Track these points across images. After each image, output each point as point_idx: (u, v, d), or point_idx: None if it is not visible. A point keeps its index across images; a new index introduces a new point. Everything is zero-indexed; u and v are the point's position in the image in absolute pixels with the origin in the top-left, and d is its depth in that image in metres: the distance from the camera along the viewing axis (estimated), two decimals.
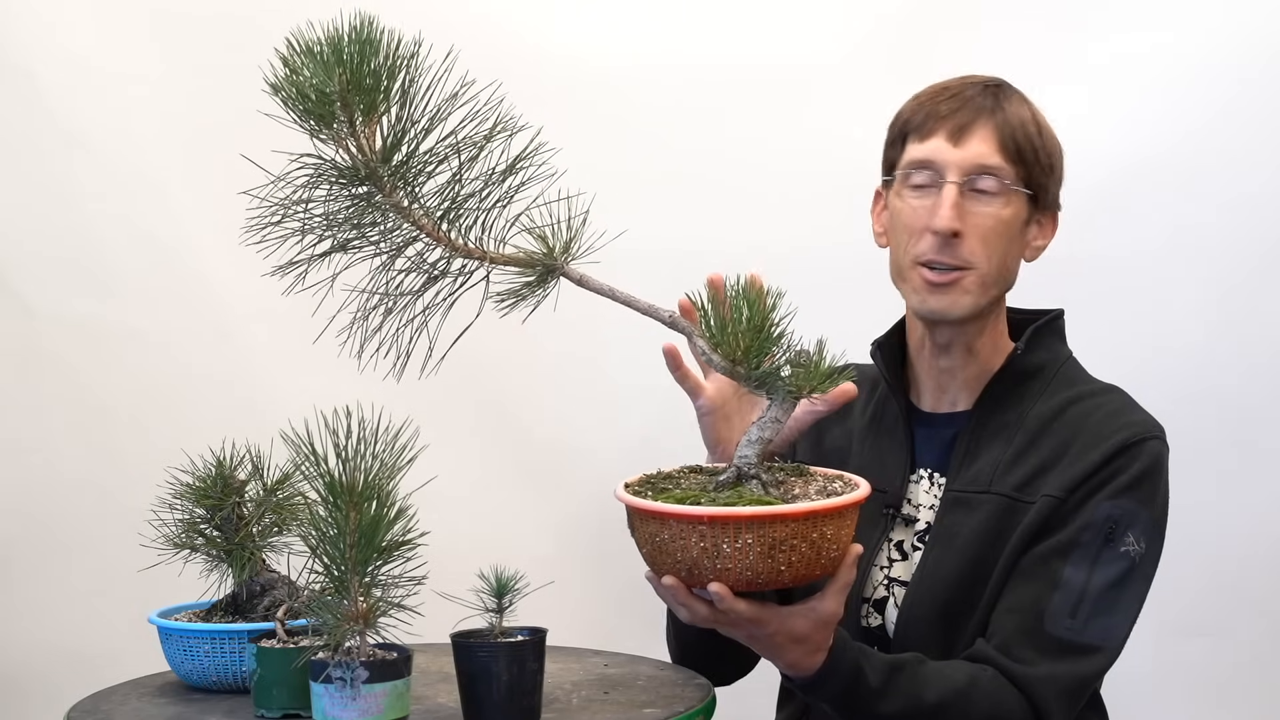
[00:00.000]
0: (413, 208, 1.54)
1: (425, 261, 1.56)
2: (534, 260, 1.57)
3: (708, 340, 1.58)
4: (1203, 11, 2.75)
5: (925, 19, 2.85)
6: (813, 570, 1.58)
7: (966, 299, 1.87)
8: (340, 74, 1.46)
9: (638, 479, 1.66)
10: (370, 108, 1.49)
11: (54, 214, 2.96)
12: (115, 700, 1.81)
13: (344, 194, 1.53)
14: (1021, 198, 1.88)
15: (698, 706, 1.74)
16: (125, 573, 2.00)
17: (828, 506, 1.56)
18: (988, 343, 1.93)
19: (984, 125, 1.87)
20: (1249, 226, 2.72)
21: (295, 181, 1.52)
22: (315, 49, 1.48)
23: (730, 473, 1.61)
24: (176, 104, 2.91)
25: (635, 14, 2.95)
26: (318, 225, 1.54)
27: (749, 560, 1.54)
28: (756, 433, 1.61)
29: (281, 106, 1.49)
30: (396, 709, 1.55)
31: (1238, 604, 2.73)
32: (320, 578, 1.56)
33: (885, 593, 1.93)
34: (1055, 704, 1.77)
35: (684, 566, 1.57)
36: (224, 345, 2.95)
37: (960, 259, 1.86)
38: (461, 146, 1.52)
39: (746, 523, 1.53)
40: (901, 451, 1.96)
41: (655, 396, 2.13)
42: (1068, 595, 1.79)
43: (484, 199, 1.54)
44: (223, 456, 1.89)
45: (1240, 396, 2.73)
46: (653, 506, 1.57)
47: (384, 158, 1.51)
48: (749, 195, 2.86)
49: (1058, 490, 1.83)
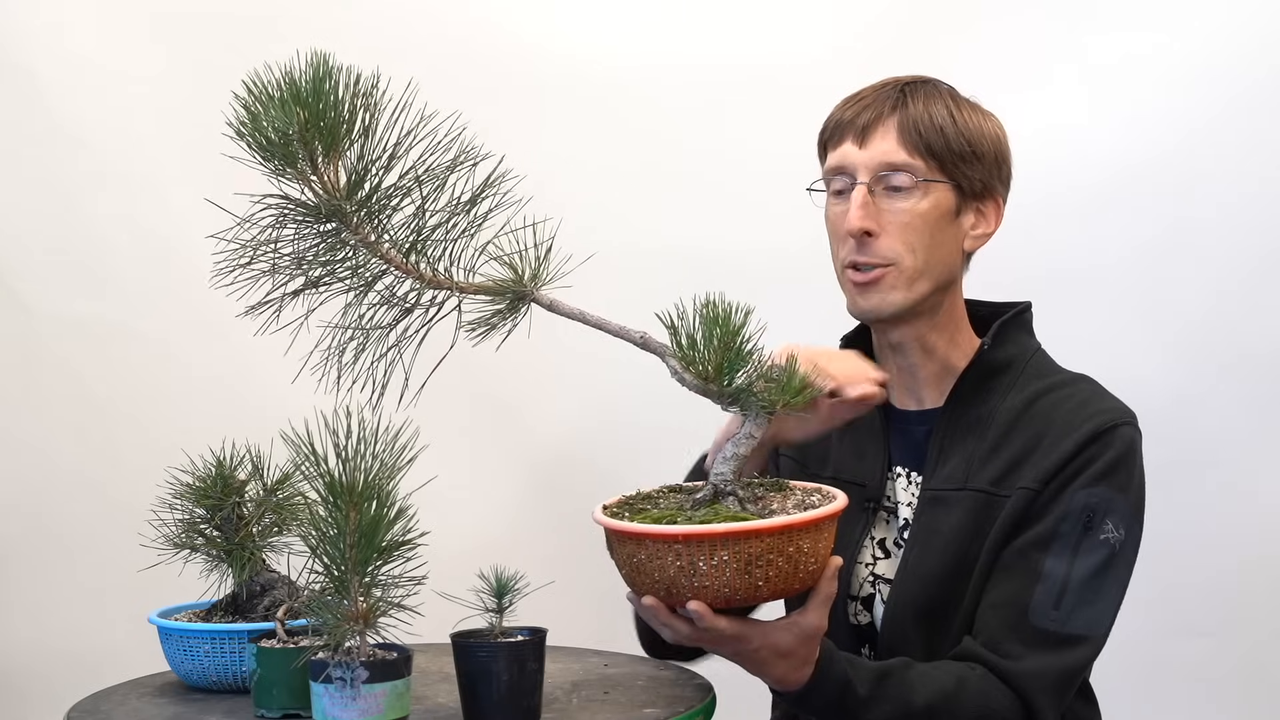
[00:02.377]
0: (380, 242, 1.55)
1: (396, 295, 1.57)
2: (504, 288, 1.57)
3: (679, 359, 1.58)
4: (1203, 11, 2.75)
5: (925, 19, 2.85)
6: (791, 585, 1.58)
7: (895, 295, 1.88)
8: (299, 114, 1.47)
9: (616, 501, 1.67)
10: (331, 146, 1.50)
11: (54, 214, 2.96)
12: (115, 700, 1.81)
13: (311, 232, 1.54)
14: (942, 189, 1.88)
15: (698, 706, 1.74)
16: (125, 573, 2.00)
17: (803, 520, 1.55)
18: (943, 339, 1.94)
19: (886, 123, 1.89)
20: (1249, 227, 2.72)
21: (262, 222, 1.53)
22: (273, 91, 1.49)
23: (707, 490, 1.61)
24: (177, 104, 2.91)
25: (634, 15, 2.95)
26: (287, 264, 1.55)
27: (726, 577, 1.53)
28: (732, 449, 1.61)
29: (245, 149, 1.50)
30: (396, 709, 1.55)
31: (1238, 604, 2.73)
32: (320, 578, 1.56)
33: (871, 590, 1.94)
34: (1044, 697, 1.78)
35: (662, 586, 1.57)
36: (224, 345, 2.95)
37: (880, 256, 1.87)
38: (424, 179, 1.53)
39: (721, 539, 1.52)
40: (878, 446, 1.97)
41: (655, 396, 2.13)
42: (1050, 587, 1.79)
43: (450, 229, 1.55)
44: (223, 456, 1.90)
45: (1240, 396, 2.72)
46: (628, 528, 1.57)
47: (348, 194, 1.52)
48: (749, 196, 2.87)
49: (1033, 482, 1.84)
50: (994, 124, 1.94)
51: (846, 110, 1.93)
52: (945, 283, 1.91)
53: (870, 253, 1.87)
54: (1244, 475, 2.71)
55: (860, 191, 1.87)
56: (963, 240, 1.92)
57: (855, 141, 1.89)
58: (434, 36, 2.86)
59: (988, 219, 1.94)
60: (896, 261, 1.87)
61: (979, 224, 1.93)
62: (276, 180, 1.53)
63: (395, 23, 2.87)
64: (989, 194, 1.93)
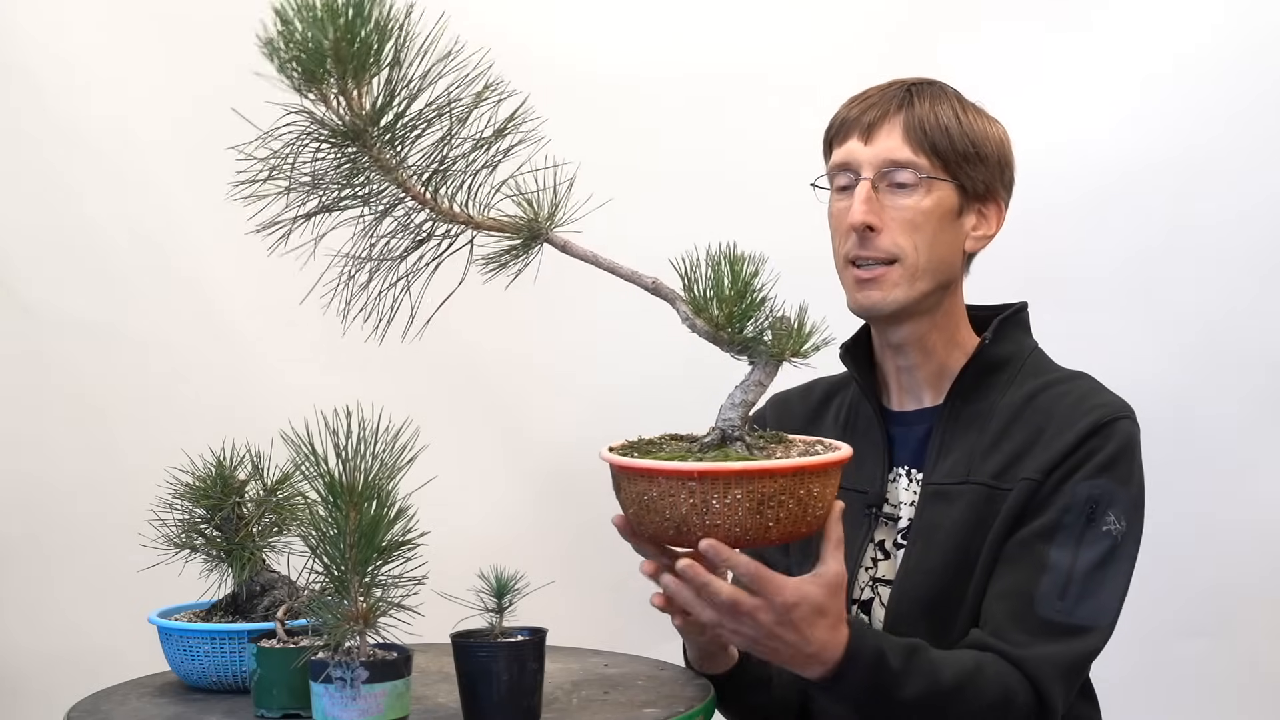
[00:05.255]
0: (400, 169, 1.54)
1: (410, 224, 1.57)
2: (519, 225, 1.57)
3: (690, 306, 1.59)
4: (1203, 11, 2.75)
5: (925, 21, 2.85)
6: (799, 528, 1.59)
7: (897, 291, 1.89)
8: (334, 31, 1.46)
9: (620, 444, 1.67)
10: (361, 67, 1.49)
11: (54, 214, 2.96)
12: (115, 700, 1.81)
13: (332, 154, 1.53)
14: (946, 188, 1.90)
15: (698, 706, 1.74)
16: (125, 573, 2.00)
17: (815, 463, 1.57)
18: (942, 338, 1.95)
19: (892, 121, 1.90)
20: (1248, 229, 2.72)
21: (284, 138, 1.52)
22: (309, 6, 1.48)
23: (714, 435, 1.63)
24: (177, 104, 2.91)
25: (635, 16, 2.95)
26: (304, 186, 1.54)
27: (738, 516, 1.54)
28: (740, 395, 1.63)
29: (274, 64, 1.49)
30: (396, 709, 1.55)
31: (1238, 604, 2.73)
32: (320, 578, 1.56)
33: (870, 594, 1.94)
34: (1055, 684, 1.77)
35: (672, 524, 1.57)
36: (224, 345, 2.95)
37: (883, 251, 1.88)
38: (450, 108, 1.52)
39: (736, 477, 1.53)
40: (878, 451, 1.97)
41: (655, 395, 2.13)
42: (1055, 578, 1.79)
43: (471, 163, 1.55)
44: (223, 456, 1.90)
45: (1239, 396, 2.73)
46: (642, 464, 1.57)
47: (373, 119, 1.51)
48: (749, 197, 2.86)
49: (1035, 473, 1.84)
50: (999, 129, 1.95)
51: (853, 108, 1.94)
52: (945, 281, 1.92)
53: (872, 248, 1.88)
54: (1243, 475, 2.72)
55: (864, 187, 1.88)
56: (964, 241, 1.93)
57: (861, 138, 1.91)
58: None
59: (989, 221, 1.95)
60: (899, 258, 1.88)
61: (980, 225, 1.94)
62: (302, 97, 1.51)
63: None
64: (991, 196, 1.94)
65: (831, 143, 1.97)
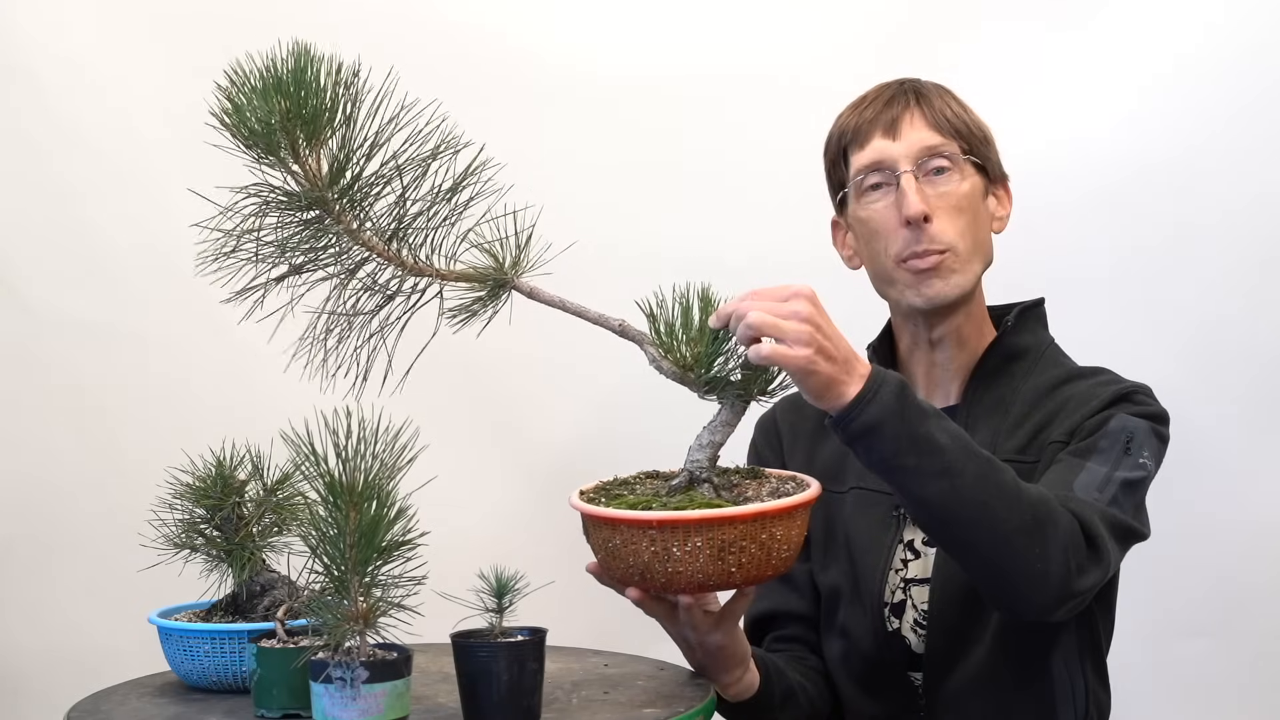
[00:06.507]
0: (362, 230, 1.56)
1: (378, 282, 1.58)
2: (484, 275, 1.58)
3: (657, 347, 1.60)
4: (1203, 12, 2.75)
5: (926, 20, 2.85)
6: (763, 571, 1.59)
7: (956, 277, 1.90)
8: (280, 103, 1.48)
9: (593, 486, 1.69)
10: (313, 135, 1.52)
11: (54, 214, 2.96)
12: (115, 700, 1.81)
13: (294, 220, 1.55)
14: (973, 169, 1.93)
15: (698, 706, 1.74)
16: (125, 573, 2.00)
17: (776, 508, 1.57)
18: (974, 328, 1.97)
19: (911, 113, 1.93)
20: (1249, 229, 2.72)
21: (245, 211, 1.53)
22: (255, 81, 1.50)
23: (682, 477, 1.63)
24: (177, 104, 2.90)
25: (634, 17, 2.95)
26: (271, 252, 1.56)
27: (699, 563, 1.55)
28: (708, 436, 1.63)
29: (228, 138, 1.51)
30: (396, 709, 1.55)
31: (1238, 604, 2.73)
32: (320, 578, 1.56)
33: (902, 595, 1.94)
34: (1101, 526, 1.73)
35: (636, 571, 1.59)
36: (224, 345, 2.95)
37: (938, 242, 1.89)
38: (405, 167, 1.54)
39: (695, 525, 1.54)
40: None
41: (654, 395, 2.13)
42: (1092, 477, 1.78)
43: (431, 217, 1.57)
44: (223, 456, 1.90)
45: (1241, 396, 2.72)
46: (604, 513, 1.59)
47: (330, 182, 1.53)
48: (749, 197, 2.86)
49: (1062, 435, 1.86)
50: None
51: (863, 112, 1.95)
52: (988, 263, 1.96)
53: (929, 239, 1.89)
54: (1243, 475, 2.71)
55: (909, 179, 1.89)
56: (991, 223, 1.97)
57: (886, 136, 1.91)
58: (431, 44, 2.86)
59: (1004, 203, 2.00)
60: (953, 245, 1.90)
61: (999, 207, 1.99)
62: (260, 169, 1.53)
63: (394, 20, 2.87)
64: (1001, 179, 2.00)
65: (846, 150, 1.96)
